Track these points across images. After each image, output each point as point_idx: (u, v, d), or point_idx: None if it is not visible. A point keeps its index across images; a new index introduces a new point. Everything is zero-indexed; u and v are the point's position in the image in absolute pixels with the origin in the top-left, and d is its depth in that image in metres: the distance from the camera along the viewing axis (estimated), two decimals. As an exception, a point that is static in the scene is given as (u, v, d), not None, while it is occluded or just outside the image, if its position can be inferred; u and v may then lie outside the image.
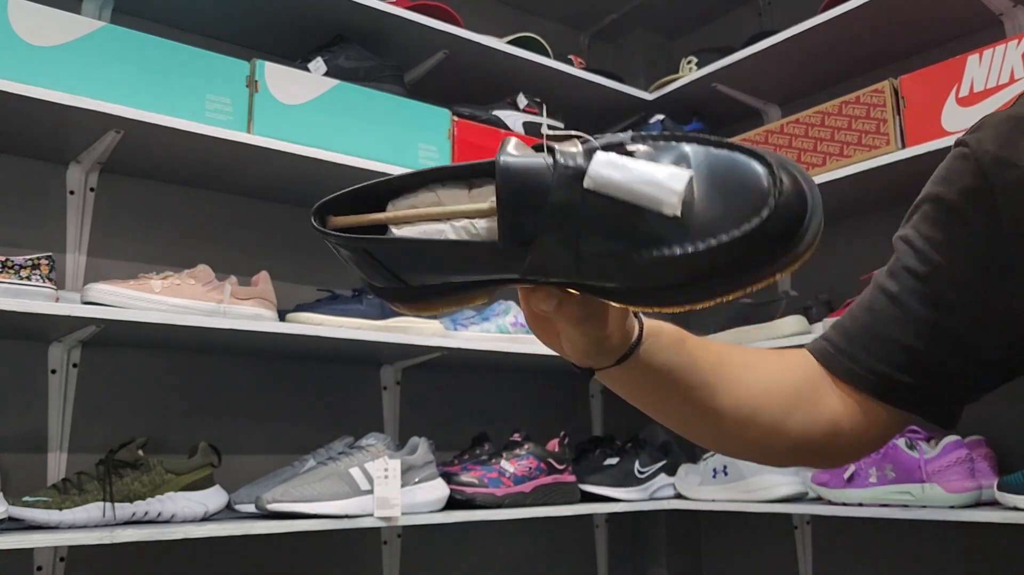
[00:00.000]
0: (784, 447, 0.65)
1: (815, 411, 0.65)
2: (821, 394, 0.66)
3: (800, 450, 0.65)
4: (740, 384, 0.63)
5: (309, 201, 1.98)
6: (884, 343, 0.64)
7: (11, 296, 1.23)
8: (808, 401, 0.65)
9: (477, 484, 1.60)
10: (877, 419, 0.66)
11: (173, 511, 1.34)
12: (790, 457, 0.68)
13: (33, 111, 1.31)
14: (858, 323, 0.66)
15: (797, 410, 0.64)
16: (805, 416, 0.64)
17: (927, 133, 1.55)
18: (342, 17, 1.70)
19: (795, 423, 0.64)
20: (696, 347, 0.61)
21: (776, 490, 1.70)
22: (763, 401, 0.63)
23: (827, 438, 0.65)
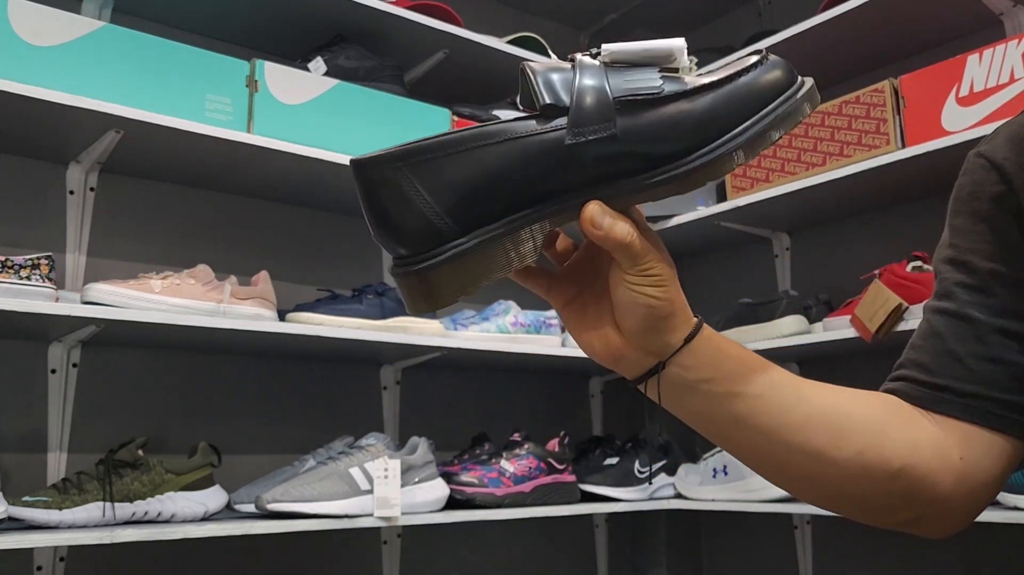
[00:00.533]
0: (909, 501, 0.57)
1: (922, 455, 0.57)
2: (917, 432, 0.59)
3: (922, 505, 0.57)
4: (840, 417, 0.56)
5: (309, 201, 1.98)
6: (963, 361, 0.59)
7: (11, 296, 1.23)
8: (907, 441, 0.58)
9: (477, 484, 1.60)
10: (990, 454, 0.59)
11: (173, 511, 1.34)
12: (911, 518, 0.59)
13: (33, 111, 1.31)
14: (928, 352, 0.61)
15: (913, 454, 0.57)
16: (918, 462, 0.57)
17: (927, 133, 1.55)
18: (342, 17, 1.70)
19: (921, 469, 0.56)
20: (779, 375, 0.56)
21: (776, 490, 1.70)
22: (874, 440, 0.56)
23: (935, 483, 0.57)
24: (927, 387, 0.60)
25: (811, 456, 0.56)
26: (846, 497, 0.58)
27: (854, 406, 0.58)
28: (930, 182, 1.71)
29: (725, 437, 0.57)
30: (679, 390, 0.54)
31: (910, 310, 1.50)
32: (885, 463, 0.56)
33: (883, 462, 0.56)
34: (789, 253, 2.07)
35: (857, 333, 1.57)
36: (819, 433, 0.55)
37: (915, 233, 1.82)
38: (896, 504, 0.58)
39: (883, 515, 0.59)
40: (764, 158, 1.83)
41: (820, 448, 0.55)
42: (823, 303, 1.80)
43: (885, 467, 0.56)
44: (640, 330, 0.52)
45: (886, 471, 0.56)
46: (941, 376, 0.60)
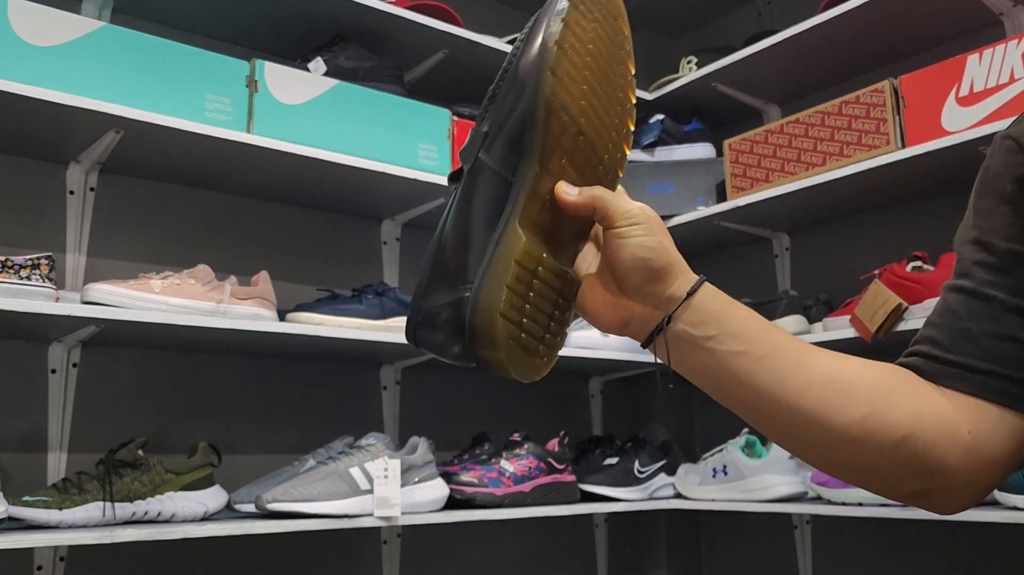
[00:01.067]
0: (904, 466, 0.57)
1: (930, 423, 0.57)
2: (915, 401, 0.59)
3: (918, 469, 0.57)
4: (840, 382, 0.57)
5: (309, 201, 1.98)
6: (976, 339, 0.59)
7: (11, 296, 1.23)
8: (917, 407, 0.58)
9: (477, 484, 1.61)
10: (1000, 431, 0.58)
11: (173, 511, 1.34)
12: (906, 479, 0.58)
13: (33, 111, 1.31)
14: (943, 329, 0.61)
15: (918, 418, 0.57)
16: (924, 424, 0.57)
17: (927, 133, 1.55)
18: (342, 17, 1.70)
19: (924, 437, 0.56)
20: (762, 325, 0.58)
21: (776, 490, 1.70)
22: (882, 405, 0.56)
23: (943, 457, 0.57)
24: (940, 362, 0.60)
25: (813, 420, 0.56)
26: (851, 464, 0.58)
27: (859, 373, 0.58)
28: (930, 182, 1.71)
29: (730, 396, 0.58)
30: (686, 347, 0.57)
31: (910, 310, 1.51)
32: (888, 430, 0.56)
33: (886, 429, 0.56)
34: (789, 253, 2.07)
35: (857, 333, 1.57)
36: (822, 397, 0.56)
37: (915, 233, 1.82)
38: (901, 473, 0.58)
39: (889, 485, 0.59)
40: (764, 158, 1.83)
41: (822, 412, 0.56)
42: (823, 303, 1.80)
43: (888, 434, 0.56)
44: (641, 282, 0.56)
45: (889, 438, 0.56)
46: (955, 352, 0.60)
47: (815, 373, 0.57)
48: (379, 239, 1.91)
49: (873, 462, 0.57)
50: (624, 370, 2.07)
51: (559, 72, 0.55)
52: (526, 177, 0.55)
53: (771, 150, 1.82)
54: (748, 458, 1.76)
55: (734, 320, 0.57)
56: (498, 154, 0.56)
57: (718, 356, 0.56)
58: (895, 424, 0.56)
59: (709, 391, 0.59)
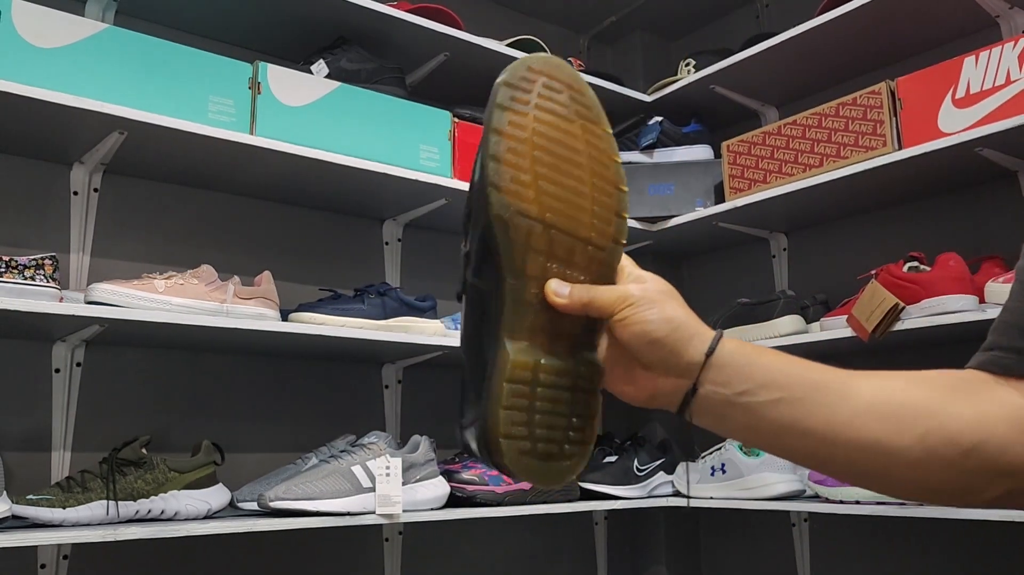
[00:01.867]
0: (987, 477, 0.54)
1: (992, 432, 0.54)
2: (982, 408, 0.55)
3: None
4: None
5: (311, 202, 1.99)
6: None
7: (15, 296, 1.23)
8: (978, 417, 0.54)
9: (478, 482, 1.62)
10: None
11: (176, 509, 1.35)
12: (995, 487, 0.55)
13: (37, 112, 1.32)
14: (1021, 314, 0.57)
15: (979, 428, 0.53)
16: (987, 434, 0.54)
17: (924, 134, 1.56)
18: (344, 19, 1.71)
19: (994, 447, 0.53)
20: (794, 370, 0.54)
21: (774, 488, 1.71)
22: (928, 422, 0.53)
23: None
24: (1015, 352, 0.56)
25: (871, 450, 0.53)
26: (922, 485, 0.55)
27: (910, 391, 0.55)
28: (927, 183, 1.72)
29: (780, 446, 0.55)
30: (721, 408, 0.54)
31: (907, 310, 1.52)
32: (952, 443, 0.53)
33: (950, 442, 0.53)
34: (786, 253, 2.08)
35: (854, 333, 1.59)
36: (873, 425, 0.53)
37: (912, 234, 1.83)
38: (978, 484, 0.54)
39: (968, 497, 0.55)
40: (762, 160, 1.84)
41: (878, 439, 0.53)
42: (820, 303, 1.81)
43: (953, 447, 0.53)
44: (657, 358, 0.54)
45: (956, 451, 0.53)
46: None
47: (859, 403, 0.54)
48: (381, 239, 1.92)
49: (945, 478, 0.54)
50: (623, 370, 2.08)
51: (503, 184, 0.52)
52: (504, 291, 0.53)
53: (769, 151, 1.83)
54: (746, 456, 1.77)
55: (761, 368, 0.54)
56: (480, 273, 0.55)
57: (756, 410, 0.53)
58: (958, 435, 0.53)
59: (757, 446, 0.57)
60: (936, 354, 1.64)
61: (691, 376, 0.54)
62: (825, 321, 1.71)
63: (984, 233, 1.71)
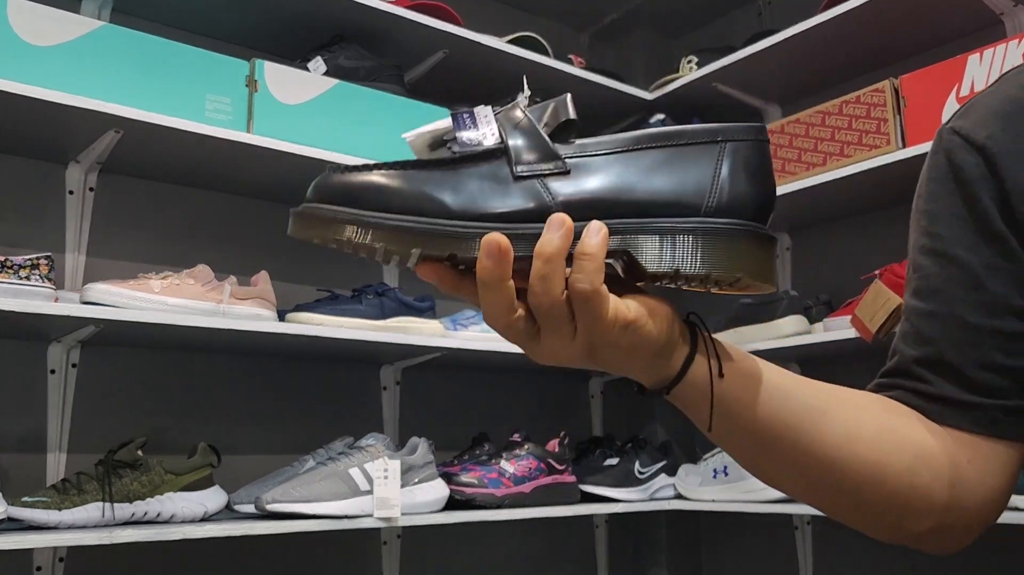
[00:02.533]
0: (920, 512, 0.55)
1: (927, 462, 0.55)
2: (916, 426, 0.57)
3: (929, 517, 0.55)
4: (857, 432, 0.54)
5: (309, 201, 1.94)
6: (962, 371, 0.56)
7: (10, 296, 1.23)
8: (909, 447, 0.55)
9: (477, 484, 1.60)
10: (999, 460, 0.56)
11: (172, 511, 1.34)
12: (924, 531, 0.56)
13: (32, 111, 1.31)
14: (924, 358, 0.58)
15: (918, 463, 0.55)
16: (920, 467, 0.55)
17: (927, 133, 1.54)
18: (342, 17, 1.70)
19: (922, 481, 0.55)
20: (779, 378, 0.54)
21: (776, 490, 1.70)
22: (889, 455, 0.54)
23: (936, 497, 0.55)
24: (926, 398, 0.57)
25: (838, 470, 0.55)
26: (860, 509, 0.57)
27: (864, 414, 0.56)
28: (930, 182, 1.71)
29: (720, 439, 0.56)
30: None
31: (911, 310, 1.50)
32: (895, 474, 0.55)
33: (894, 474, 0.55)
34: (789, 253, 2.07)
35: (857, 333, 1.57)
36: (851, 447, 0.55)
37: (915, 233, 1.82)
38: (912, 511, 0.55)
39: (897, 526, 0.57)
40: (764, 158, 1.83)
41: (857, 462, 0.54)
42: (823, 303, 1.80)
43: (899, 457, 0.55)
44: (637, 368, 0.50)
45: (902, 460, 0.55)
46: (940, 386, 0.56)
47: (834, 424, 0.55)
48: (379, 239, 1.90)
49: (884, 506, 0.55)
50: (624, 370, 2.07)
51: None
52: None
53: (772, 150, 1.82)
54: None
55: (749, 360, 0.54)
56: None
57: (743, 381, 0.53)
58: (904, 444, 0.55)
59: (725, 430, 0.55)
60: (940, 355, 1.63)
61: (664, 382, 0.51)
62: (828, 322, 1.69)
63: (989, 233, 1.69)
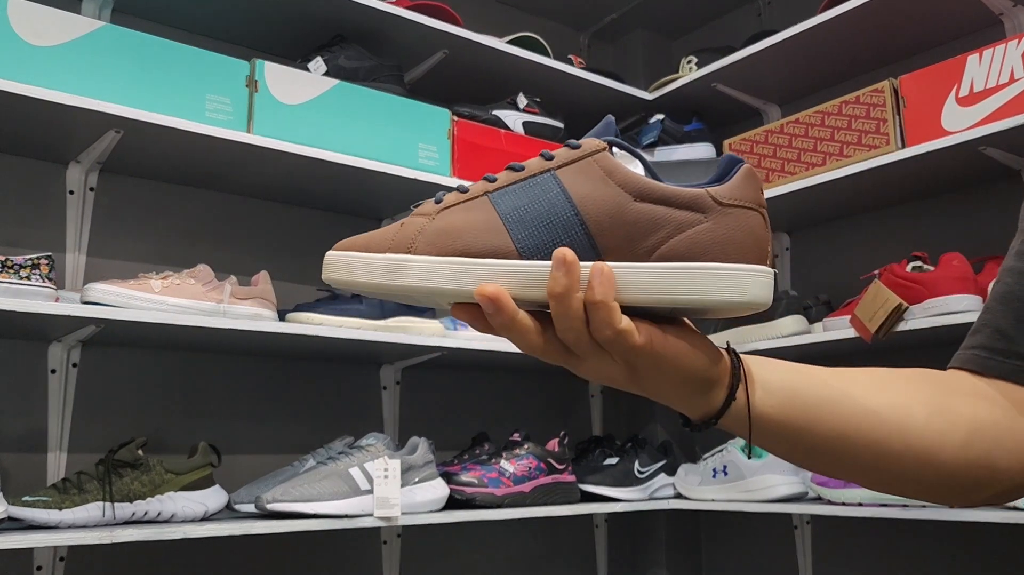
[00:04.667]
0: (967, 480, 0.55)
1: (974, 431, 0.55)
2: (970, 400, 0.56)
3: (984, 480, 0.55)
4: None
5: (309, 201, 1.98)
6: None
7: (11, 296, 1.23)
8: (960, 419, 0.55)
9: (477, 484, 1.60)
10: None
11: (173, 511, 1.34)
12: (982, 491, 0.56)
13: (33, 111, 1.31)
14: (1006, 316, 0.58)
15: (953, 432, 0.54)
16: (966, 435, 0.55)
17: (927, 133, 1.55)
18: (342, 17, 1.70)
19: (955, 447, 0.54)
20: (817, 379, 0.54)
21: (776, 490, 1.70)
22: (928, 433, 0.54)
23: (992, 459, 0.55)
24: (1001, 355, 0.57)
25: (883, 445, 0.53)
26: (921, 481, 0.55)
27: (912, 391, 0.55)
28: (930, 182, 1.71)
29: (771, 445, 0.55)
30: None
31: (910, 310, 1.50)
32: (952, 441, 0.54)
33: (951, 439, 0.54)
34: (789, 253, 2.07)
35: (857, 333, 1.57)
36: (886, 423, 0.53)
37: (915, 233, 1.82)
38: (973, 480, 0.55)
39: (963, 496, 0.56)
40: (764, 158, 1.83)
41: (890, 434, 0.53)
42: (823, 303, 1.80)
43: (954, 443, 0.54)
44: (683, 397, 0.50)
45: (956, 444, 0.54)
46: (1018, 342, 0.56)
47: (869, 403, 0.54)
48: (379, 239, 1.90)
49: (949, 472, 0.55)
50: (624, 370, 2.07)
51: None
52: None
53: (771, 150, 1.82)
54: (748, 458, 1.76)
55: (779, 369, 0.54)
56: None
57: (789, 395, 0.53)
58: (958, 422, 0.54)
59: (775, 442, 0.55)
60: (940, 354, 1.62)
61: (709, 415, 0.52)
62: (828, 321, 1.69)
63: (988, 232, 1.70)
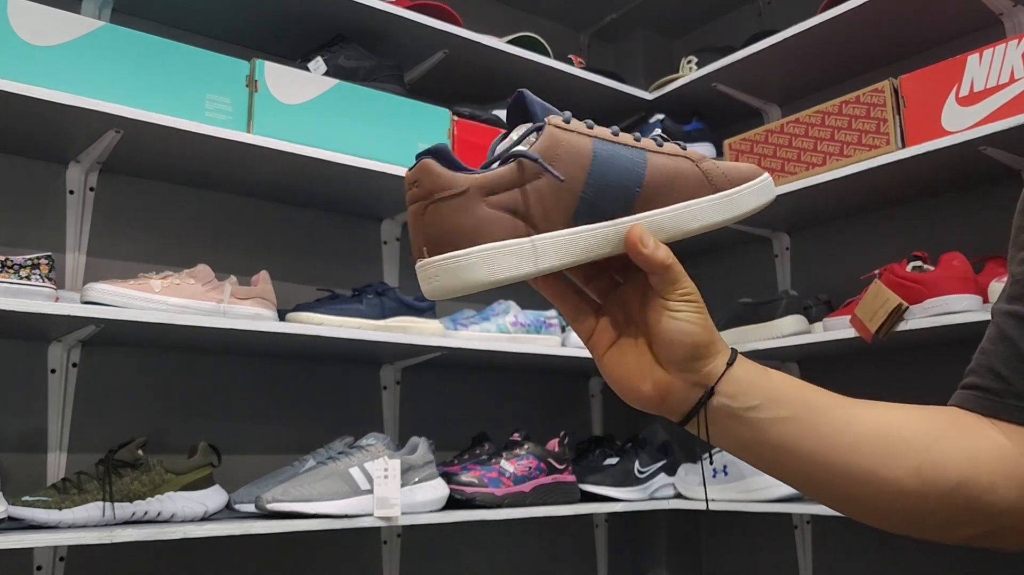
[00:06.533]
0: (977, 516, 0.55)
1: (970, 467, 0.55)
2: (971, 442, 0.57)
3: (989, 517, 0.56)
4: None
5: (309, 201, 1.98)
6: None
7: (11, 296, 1.23)
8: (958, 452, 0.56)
9: (477, 484, 1.60)
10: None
11: (173, 511, 1.34)
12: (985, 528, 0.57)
13: (33, 111, 1.31)
14: (999, 358, 0.58)
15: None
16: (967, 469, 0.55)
17: (927, 133, 1.55)
18: (342, 16, 1.70)
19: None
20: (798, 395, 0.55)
21: (776, 490, 1.70)
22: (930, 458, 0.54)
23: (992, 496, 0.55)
24: (997, 395, 0.58)
25: (864, 477, 0.54)
26: (906, 516, 0.56)
27: (908, 422, 0.56)
28: (930, 182, 1.71)
29: (773, 463, 0.56)
30: (726, 420, 0.54)
31: (910, 310, 1.50)
32: (942, 478, 0.54)
33: (939, 478, 0.54)
34: (789, 253, 2.07)
35: (857, 333, 1.57)
36: (872, 453, 0.54)
37: (915, 233, 1.82)
38: (959, 519, 0.56)
39: (949, 531, 0.57)
40: (764, 158, 1.83)
41: (873, 468, 0.54)
42: (823, 303, 1.80)
43: (943, 482, 0.54)
44: (684, 358, 0.53)
45: (944, 486, 0.54)
46: (1014, 382, 0.57)
47: (863, 429, 0.55)
48: (379, 239, 1.90)
49: (929, 512, 0.55)
50: (624, 370, 2.07)
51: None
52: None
53: (771, 150, 1.82)
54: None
55: (770, 385, 0.54)
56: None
57: (759, 426, 0.54)
58: (948, 471, 0.54)
59: (752, 462, 0.57)
60: (940, 355, 1.63)
61: (706, 383, 0.54)
62: (828, 321, 1.69)
63: (988, 232, 1.70)
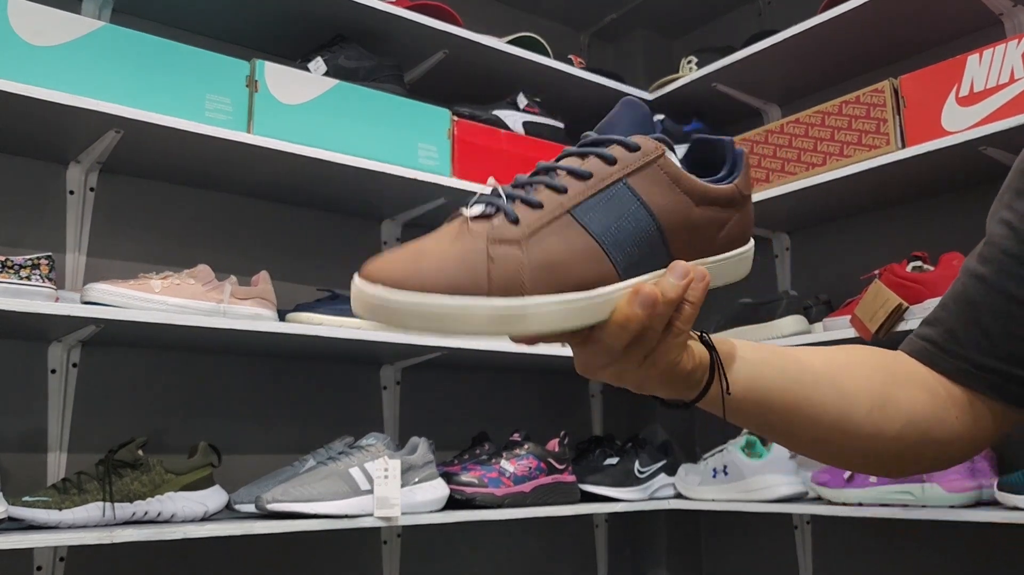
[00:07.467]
0: (887, 452, 0.62)
1: (912, 411, 0.62)
2: (911, 392, 0.62)
3: (903, 454, 0.62)
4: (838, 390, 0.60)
5: (309, 201, 1.98)
6: (992, 336, 0.60)
7: (11, 296, 1.23)
8: (902, 402, 0.62)
9: (477, 484, 1.60)
10: (985, 417, 0.62)
11: (173, 511, 1.34)
12: (897, 464, 0.63)
13: (33, 111, 1.31)
14: (959, 318, 0.63)
15: (891, 411, 0.61)
16: (901, 417, 0.61)
17: (927, 133, 1.55)
18: (342, 17, 1.70)
19: (893, 424, 0.61)
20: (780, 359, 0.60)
21: (776, 490, 1.70)
22: (864, 407, 0.60)
23: (926, 438, 0.61)
24: (947, 354, 0.63)
25: (833, 424, 0.59)
26: (871, 455, 0.62)
27: (860, 369, 0.62)
28: (930, 182, 1.71)
29: (733, 419, 0.59)
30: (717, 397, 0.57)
31: (910, 310, 1.50)
32: (891, 419, 0.60)
33: (890, 419, 0.60)
34: (789, 253, 2.07)
35: (857, 333, 1.57)
36: (835, 403, 0.59)
37: (915, 233, 1.82)
38: (912, 453, 0.62)
39: (908, 466, 0.63)
40: (764, 158, 1.83)
41: (838, 416, 0.59)
42: (823, 303, 1.80)
43: (893, 422, 0.60)
44: (686, 389, 0.55)
45: (896, 425, 0.60)
46: (966, 347, 0.62)
47: (820, 371, 0.60)
48: (379, 239, 1.90)
49: (887, 449, 0.61)
50: (624, 370, 2.07)
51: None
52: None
53: (771, 150, 1.82)
54: (748, 458, 1.76)
55: (743, 343, 0.60)
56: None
57: (745, 377, 0.58)
58: (897, 412, 0.60)
59: (754, 423, 0.60)
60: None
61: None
62: (828, 321, 1.69)
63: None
